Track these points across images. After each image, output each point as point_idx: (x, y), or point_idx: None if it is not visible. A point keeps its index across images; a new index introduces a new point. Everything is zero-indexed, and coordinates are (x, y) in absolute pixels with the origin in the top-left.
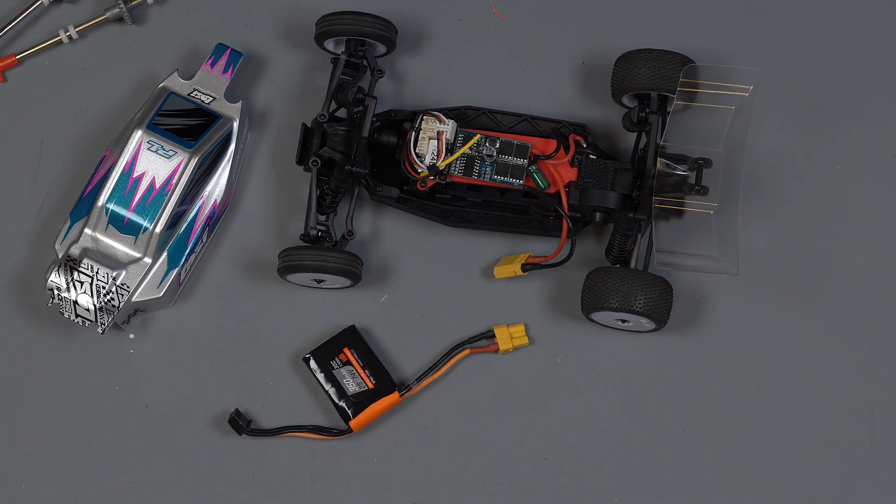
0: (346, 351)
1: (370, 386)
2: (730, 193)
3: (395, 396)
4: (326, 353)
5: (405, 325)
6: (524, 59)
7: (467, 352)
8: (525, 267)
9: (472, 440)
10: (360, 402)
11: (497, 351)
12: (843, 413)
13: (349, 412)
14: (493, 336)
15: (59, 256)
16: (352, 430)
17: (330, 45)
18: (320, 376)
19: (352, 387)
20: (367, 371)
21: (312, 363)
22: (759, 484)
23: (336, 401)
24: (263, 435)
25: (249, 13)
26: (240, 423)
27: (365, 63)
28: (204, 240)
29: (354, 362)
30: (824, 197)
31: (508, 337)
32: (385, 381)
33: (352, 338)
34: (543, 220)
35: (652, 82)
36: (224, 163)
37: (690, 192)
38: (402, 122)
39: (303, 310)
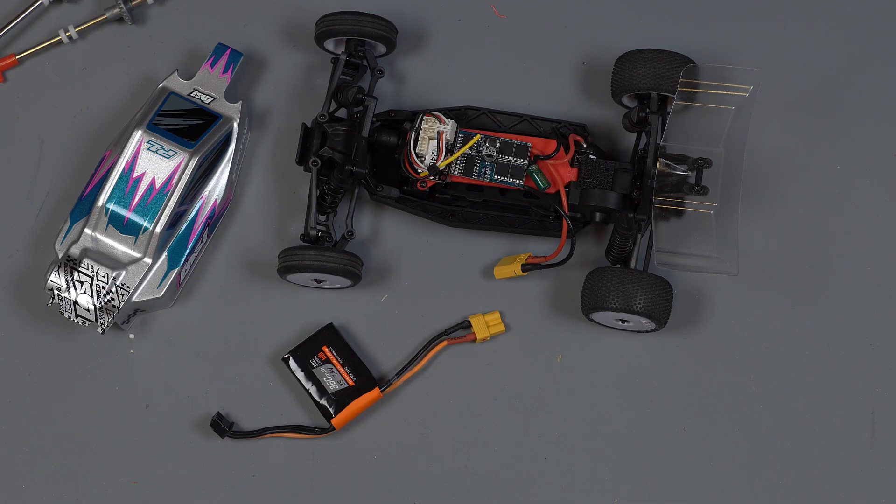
0: (325, 349)
1: (350, 383)
2: (730, 193)
3: (375, 392)
4: (306, 352)
5: (405, 325)
6: (524, 59)
7: (445, 343)
8: (525, 267)
9: (472, 440)
10: (341, 399)
11: (475, 340)
12: (843, 413)
13: (330, 410)
14: (470, 326)
15: (59, 256)
16: (334, 429)
17: (330, 45)
18: (300, 375)
19: (332, 385)
20: (346, 368)
21: (292, 362)
22: (759, 484)
23: (317, 399)
24: (245, 437)
25: (249, 13)
26: (221, 426)
27: (365, 63)
28: (204, 240)
29: (334, 360)
30: (824, 197)
31: (485, 325)
32: (365, 378)
33: (330, 336)
34: (543, 220)
35: (652, 82)
36: (224, 163)
37: (690, 192)
38: (402, 122)
39: (303, 310)
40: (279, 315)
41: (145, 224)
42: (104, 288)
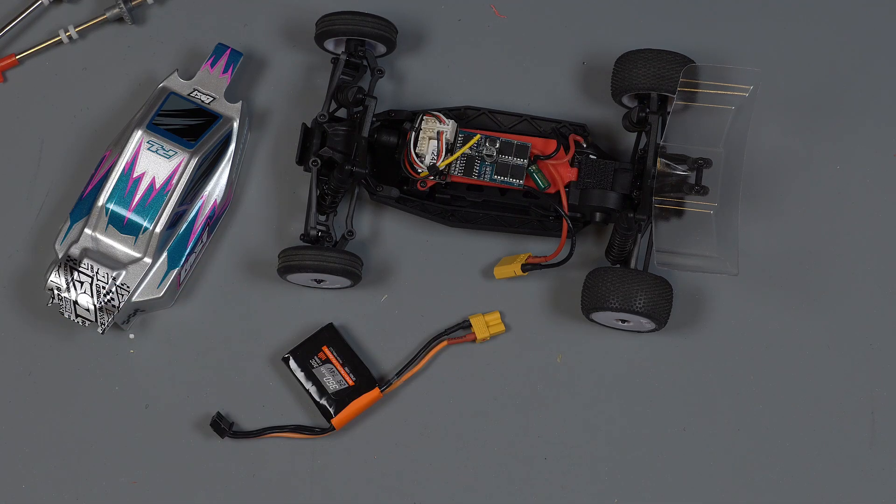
0: (325, 349)
1: (350, 383)
2: (730, 193)
3: (375, 392)
4: (306, 352)
5: (405, 326)
6: (524, 59)
7: (445, 343)
8: (525, 267)
9: (472, 440)
10: (341, 399)
11: (475, 340)
12: (843, 413)
13: (330, 410)
14: (470, 326)
15: (59, 256)
16: (334, 429)
17: (330, 45)
18: (300, 375)
19: (332, 385)
20: (346, 368)
21: (292, 362)
22: (759, 484)
23: (317, 399)
24: (245, 437)
25: (249, 13)
26: (221, 426)
27: (365, 63)
28: (204, 240)
29: (334, 360)
30: (824, 197)
31: (485, 325)
32: (365, 378)
33: (330, 336)
34: (543, 220)
35: (652, 82)
36: (224, 163)
37: (690, 192)
38: (402, 122)
39: (303, 310)
40: (279, 315)
41: (145, 224)
42: (104, 288)
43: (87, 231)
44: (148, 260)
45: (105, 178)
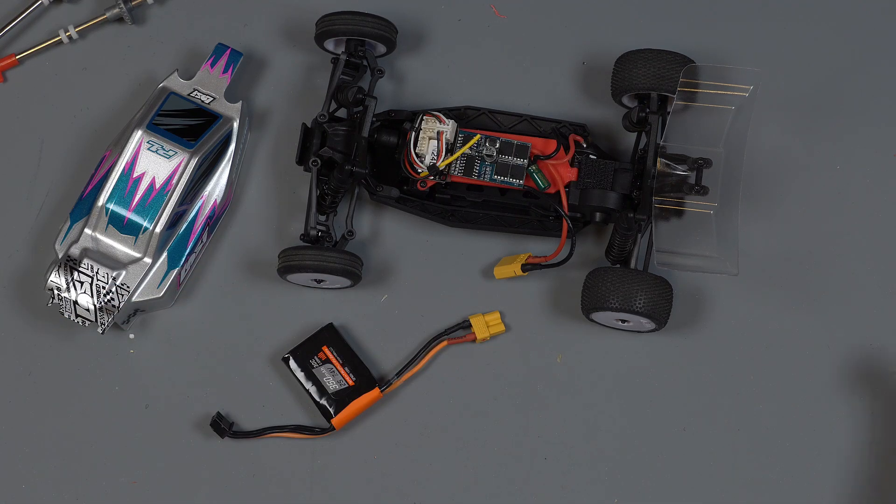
0: (325, 349)
1: (350, 383)
2: (730, 193)
3: (375, 392)
4: (306, 352)
5: (405, 326)
6: (524, 59)
7: (445, 343)
8: (525, 267)
9: (472, 440)
10: (341, 399)
11: (475, 340)
12: (843, 413)
13: (330, 410)
14: (470, 326)
15: (59, 256)
16: (334, 429)
17: (330, 45)
18: (300, 375)
19: (332, 385)
20: (346, 368)
21: (292, 362)
22: (759, 484)
23: (317, 399)
24: (245, 437)
25: (249, 13)
26: (221, 426)
27: (365, 63)
28: (204, 240)
29: (334, 360)
30: (824, 197)
31: (485, 325)
32: (365, 378)
33: (330, 336)
34: (543, 220)
35: (652, 82)
36: (224, 163)
37: (690, 192)
38: (402, 122)
39: (303, 310)
40: (279, 315)
41: (145, 224)
42: (104, 288)
43: (87, 231)
44: (148, 260)
45: (105, 178)
